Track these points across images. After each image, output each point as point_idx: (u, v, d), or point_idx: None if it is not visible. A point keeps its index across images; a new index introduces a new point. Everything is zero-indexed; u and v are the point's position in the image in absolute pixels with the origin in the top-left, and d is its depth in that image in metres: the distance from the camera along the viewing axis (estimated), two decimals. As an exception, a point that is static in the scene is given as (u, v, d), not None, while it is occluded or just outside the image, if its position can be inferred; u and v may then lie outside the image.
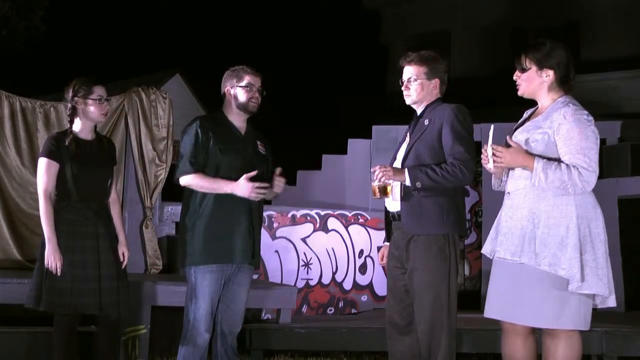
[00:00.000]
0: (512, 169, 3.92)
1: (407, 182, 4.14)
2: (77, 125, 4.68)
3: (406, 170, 4.15)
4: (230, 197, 4.41)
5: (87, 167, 4.62)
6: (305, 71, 21.22)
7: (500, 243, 3.90)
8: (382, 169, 4.15)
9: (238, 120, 4.57)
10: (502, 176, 4.04)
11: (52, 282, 4.49)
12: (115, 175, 4.89)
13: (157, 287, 5.67)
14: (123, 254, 4.72)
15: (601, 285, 3.76)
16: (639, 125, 9.49)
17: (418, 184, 4.12)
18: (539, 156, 3.78)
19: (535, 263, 3.76)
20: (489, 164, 3.86)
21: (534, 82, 3.92)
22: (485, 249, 4.04)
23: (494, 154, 3.82)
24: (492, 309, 3.92)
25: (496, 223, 4.01)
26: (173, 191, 6.27)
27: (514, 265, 3.82)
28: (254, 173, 4.40)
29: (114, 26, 23.37)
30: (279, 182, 4.56)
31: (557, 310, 3.76)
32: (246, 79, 4.52)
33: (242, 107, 4.52)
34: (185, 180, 4.45)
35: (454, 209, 4.23)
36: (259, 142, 4.63)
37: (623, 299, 7.27)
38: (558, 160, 3.76)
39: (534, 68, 3.90)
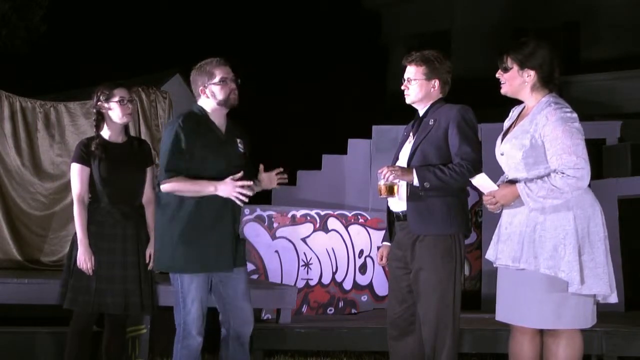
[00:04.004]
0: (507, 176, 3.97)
1: (415, 182, 4.12)
2: (106, 130, 4.76)
3: (414, 170, 4.14)
4: (212, 202, 4.24)
5: (117, 170, 4.67)
6: (305, 71, 21.22)
7: (501, 251, 3.94)
8: (390, 168, 4.15)
9: (218, 117, 4.38)
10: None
11: (76, 281, 4.61)
12: (150, 175, 4.86)
13: (157, 287, 5.65)
14: (150, 254, 4.73)
15: (601, 285, 3.78)
16: (639, 125, 9.49)
17: (426, 184, 4.10)
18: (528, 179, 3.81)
19: (535, 266, 3.77)
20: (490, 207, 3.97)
21: (515, 81, 3.93)
22: (489, 255, 4.07)
23: (490, 201, 3.91)
24: (500, 313, 3.99)
25: (498, 227, 4.03)
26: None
27: (515, 270, 3.86)
28: (239, 175, 4.20)
29: (114, 26, 23.36)
30: (270, 177, 4.39)
31: (557, 310, 3.78)
32: (218, 75, 4.32)
33: (224, 104, 4.35)
34: (167, 187, 4.22)
35: (460, 209, 4.25)
36: (238, 140, 4.45)
37: (623, 299, 7.25)
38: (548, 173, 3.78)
39: (515, 68, 3.91)
